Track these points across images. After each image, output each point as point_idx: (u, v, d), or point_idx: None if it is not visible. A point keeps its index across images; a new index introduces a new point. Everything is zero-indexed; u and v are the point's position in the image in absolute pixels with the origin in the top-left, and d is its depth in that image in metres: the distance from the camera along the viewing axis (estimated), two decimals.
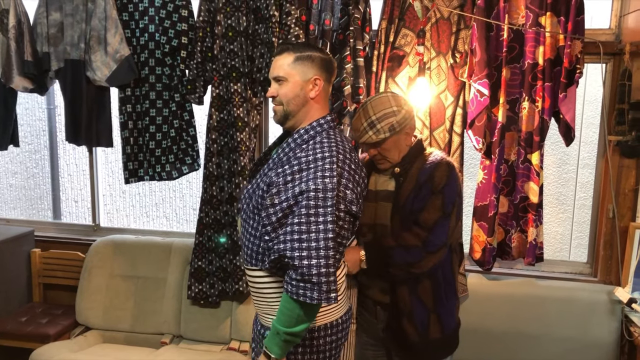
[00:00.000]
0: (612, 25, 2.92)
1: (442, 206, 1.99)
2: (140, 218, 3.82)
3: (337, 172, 1.70)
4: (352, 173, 1.77)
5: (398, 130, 2.03)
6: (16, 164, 3.94)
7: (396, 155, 2.08)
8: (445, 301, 2.12)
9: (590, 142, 3.13)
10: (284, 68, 1.82)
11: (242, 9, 2.98)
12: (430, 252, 1.98)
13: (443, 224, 1.98)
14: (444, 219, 1.98)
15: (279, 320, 1.70)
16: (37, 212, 3.96)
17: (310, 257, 1.62)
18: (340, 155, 1.75)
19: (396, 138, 2.05)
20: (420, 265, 1.99)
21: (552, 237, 3.25)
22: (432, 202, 1.99)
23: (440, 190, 2.00)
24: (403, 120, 2.03)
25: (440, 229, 1.98)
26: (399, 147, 2.08)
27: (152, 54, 3.14)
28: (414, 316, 2.09)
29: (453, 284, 2.16)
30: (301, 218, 1.65)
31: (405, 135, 2.07)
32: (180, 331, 3.28)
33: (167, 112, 3.19)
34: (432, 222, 1.98)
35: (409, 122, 2.06)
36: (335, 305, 1.87)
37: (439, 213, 1.98)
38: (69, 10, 3.13)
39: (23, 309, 3.48)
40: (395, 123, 2.02)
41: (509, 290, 3.00)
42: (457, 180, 2.06)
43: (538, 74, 2.79)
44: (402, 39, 2.88)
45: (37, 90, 3.30)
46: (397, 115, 2.03)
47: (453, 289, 2.17)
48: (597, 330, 2.86)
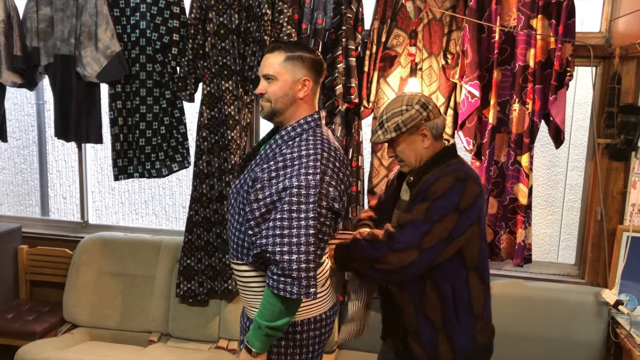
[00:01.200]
0: (602, 28, 2.95)
1: (425, 211, 1.81)
2: (130, 215, 3.80)
3: (321, 170, 1.71)
4: (335, 170, 1.77)
5: (405, 130, 1.91)
6: (4, 160, 3.90)
7: (412, 158, 1.96)
8: (455, 320, 1.93)
9: (580, 145, 3.15)
10: (274, 67, 1.83)
11: (234, 6, 2.97)
12: (393, 250, 1.81)
13: (418, 225, 1.80)
14: (422, 222, 1.80)
15: (261, 314, 1.71)
16: (25, 208, 3.92)
17: (291, 252, 1.64)
18: (325, 152, 1.76)
19: (409, 138, 1.93)
20: (383, 261, 1.82)
21: (541, 238, 3.27)
22: (417, 207, 1.84)
23: (432, 199, 1.82)
24: (410, 120, 1.90)
25: (411, 230, 1.80)
26: (414, 150, 1.95)
27: (143, 50, 3.12)
28: (419, 334, 1.97)
29: (468, 303, 1.93)
30: (283, 214, 1.67)
31: (420, 136, 1.93)
32: (169, 329, 3.26)
33: (157, 109, 3.17)
34: (405, 220, 1.84)
35: (419, 122, 1.91)
36: (319, 300, 1.88)
37: (418, 216, 1.81)
38: (60, 5, 3.11)
39: (9, 306, 3.45)
40: (400, 122, 1.90)
41: (496, 291, 3.00)
42: (463, 193, 1.82)
43: (529, 76, 2.80)
44: (394, 40, 2.89)
45: (26, 85, 3.27)
46: (403, 115, 1.91)
47: (467, 309, 1.94)
48: (584, 332, 2.88)
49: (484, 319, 1.99)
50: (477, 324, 1.96)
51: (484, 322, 2.00)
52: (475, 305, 1.94)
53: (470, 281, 1.93)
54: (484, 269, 1.97)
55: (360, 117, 2.98)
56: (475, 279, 1.94)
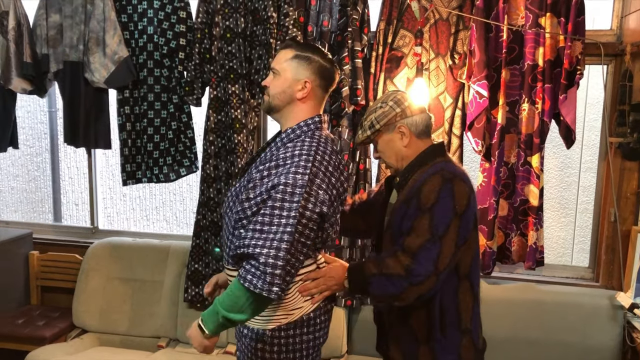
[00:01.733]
0: (613, 26, 2.89)
1: (429, 228, 1.69)
2: (141, 221, 3.81)
3: (312, 171, 1.67)
4: (328, 175, 1.72)
5: (379, 128, 1.84)
6: (17, 167, 3.94)
7: (392, 158, 1.88)
8: (439, 335, 1.81)
9: (593, 146, 3.09)
10: (281, 62, 1.82)
11: (240, 10, 2.97)
12: (414, 284, 1.69)
13: (430, 248, 1.68)
14: (431, 243, 1.68)
15: (223, 301, 1.65)
16: (38, 215, 3.96)
17: (264, 247, 1.60)
18: (319, 155, 1.71)
19: (387, 137, 1.86)
20: (403, 298, 1.72)
21: (554, 241, 3.21)
22: (419, 223, 1.71)
23: (428, 209, 1.70)
24: (382, 117, 1.83)
25: (426, 256, 1.68)
26: (393, 148, 1.86)
27: (150, 55, 3.13)
28: (400, 343, 1.89)
29: (455, 317, 1.81)
30: (266, 210, 1.64)
31: (399, 134, 1.84)
32: (177, 335, 3.25)
33: (165, 113, 3.18)
34: (416, 247, 1.69)
35: (392, 119, 1.83)
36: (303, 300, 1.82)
37: (425, 236, 1.69)
38: (68, 12, 3.14)
39: (20, 311, 3.47)
40: (373, 119, 1.84)
41: (509, 295, 2.96)
42: (454, 195, 1.72)
43: (538, 75, 2.76)
44: (400, 40, 2.86)
45: (36, 92, 3.31)
46: (376, 112, 1.85)
47: (455, 325, 1.82)
48: (598, 336, 2.81)
49: (471, 334, 1.85)
50: (463, 339, 1.83)
51: (471, 338, 1.85)
52: (463, 318, 1.83)
53: (460, 290, 1.81)
54: (475, 277, 1.86)
55: None
56: (466, 288, 1.82)
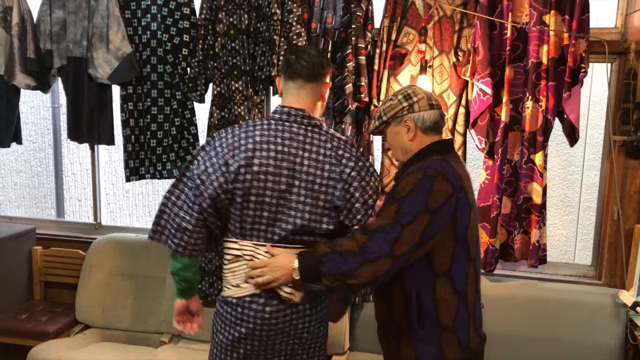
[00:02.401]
0: (617, 24, 2.89)
1: (394, 214, 1.68)
2: (143, 217, 3.82)
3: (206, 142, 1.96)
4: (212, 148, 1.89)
5: (387, 120, 1.86)
6: (20, 163, 3.95)
7: (398, 151, 1.89)
8: (418, 328, 1.80)
9: (596, 144, 3.09)
10: None
11: (244, 7, 2.97)
12: (367, 260, 1.67)
13: (388, 231, 1.66)
14: (391, 227, 1.67)
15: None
16: (40, 210, 3.96)
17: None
18: (222, 132, 1.91)
19: (394, 129, 1.87)
20: (356, 275, 1.69)
21: (557, 239, 3.21)
22: (386, 209, 1.71)
23: (400, 198, 1.70)
24: (389, 109, 1.85)
25: (383, 236, 1.66)
26: (399, 142, 1.87)
27: (153, 51, 3.14)
28: (387, 330, 1.91)
29: (433, 312, 1.78)
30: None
31: (405, 128, 1.84)
32: (179, 331, 3.25)
33: (168, 110, 3.18)
34: (375, 227, 1.69)
35: (399, 112, 1.83)
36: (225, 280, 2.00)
37: (388, 220, 1.68)
38: (72, 8, 3.14)
39: (23, 307, 3.48)
40: (381, 111, 1.87)
41: (511, 293, 2.96)
42: (431, 190, 1.69)
43: (542, 73, 2.75)
44: (404, 37, 2.86)
45: (39, 87, 3.31)
46: (385, 104, 1.86)
47: (433, 319, 1.79)
48: (601, 334, 2.81)
49: (456, 332, 1.81)
50: (443, 335, 1.79)
51: (455, 335, 1.81)
52: (442, 314, 1.78)
53: (437, 288, 1.77)
54: (458, 276, 1.79)
55: (370, 116, 2.95)
56: (445, 285, 1.77)
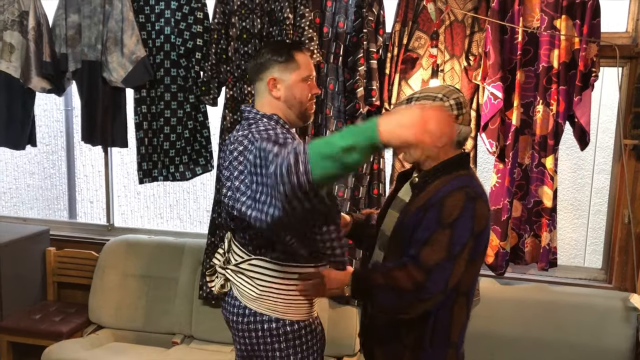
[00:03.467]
0: (628, 28, 2.90)
1: (448, 245, 1.65)
2: (155, 219, 3.85)
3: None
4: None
5: None
6: (34, 165, 3.99)
7: (419, 152, 1.79)
8: (427, 346, 1.79)
9: (606, 147, 3.10)
10: None
11: (256, 11, 3.00)
12: (422, 300, 1.67)
13: (445, 267, 1.65)
14: (447, 261, 1.65)
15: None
16: (53, 212, 4.00)
17: None
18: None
19: None
20: (408, 312, 1.71)
21: (567, 242, 3.21)
22: (437, 238, 1.67)
23: (449, 224, 1.66)
24: None
25: (440, 274, 1.65)
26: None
27: (167, 55, 3.17)
28: (385, 346, 1.87)
29: (447, 332, 1.80)
30: None
31: None
32: (192, 331, 3.29)
33: (181, 113, 3.22)
34: (433, 263, 1.65)
35: None
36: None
37: (442, 253, 1.65)
38: (87, 12, 3.18)
39: (37, 307, 3.52)
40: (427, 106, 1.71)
41: (521, 295, 2.97)
42: (475, 215, 1.68)
43: (553, 77, 2.77)
44: (415, 42, 2.88)
45: (54, 90, 3.35)
46: (434, 101, 1.76)
47: (444, 338, 1.80)
48: (611, 338, 2.82)
49: (457, 347, 1.85)
50: (449, 351, 1.82)
51: (456, 350, 1.85)
52: (453, 331, 1.81)
53: (456, 306, 1.79)
54: (472, 294, 1.86)
55: None
56: (462, 304, 1.81)
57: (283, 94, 1.89)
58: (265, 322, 1.88)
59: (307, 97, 1.92)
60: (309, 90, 1.92)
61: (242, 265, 1.91)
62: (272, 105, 1.91)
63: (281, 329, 1.88)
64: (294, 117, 1.94)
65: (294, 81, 1.89)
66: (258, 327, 1.89)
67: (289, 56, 1.89)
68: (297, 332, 1.89)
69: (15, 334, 3.31)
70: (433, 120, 1.33)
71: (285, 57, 1.88)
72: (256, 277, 1.88)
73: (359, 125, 1.40)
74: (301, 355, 1.91)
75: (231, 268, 1.95)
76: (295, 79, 1.89)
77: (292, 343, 1.89)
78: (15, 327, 3.29)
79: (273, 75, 1.88)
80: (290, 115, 1.93)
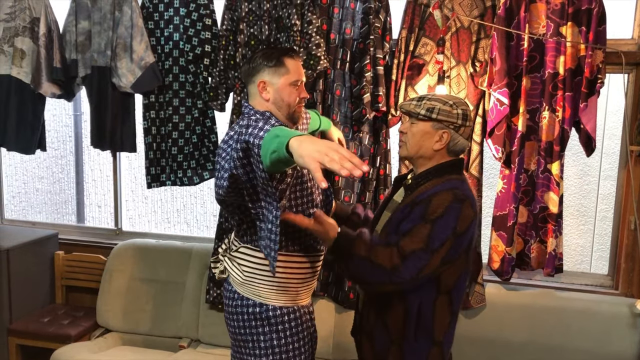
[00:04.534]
0: (634, 35, 2.91)
1: (426, 238, 1.73)
2: (162, 224, 3.87)
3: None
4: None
5: (434, 119, 1.83)
6: (42, 169, 4.03)
7: (414, 148, 1.88)
8: (413, 340, 1.86)
9: (613, 154, 3.11)
10: None
11: (264, 18, 3.03)
12: (393, 283, 1.75)
13: (420, 257, 1.73)
14: (424, 252, 1.73)
15: None
16: (61, 216, 4.04)
17: None
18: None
19: (428, 129, 1.85)
20: (376, 288, 1.83)
21: (573, 249, 3.22)
22: (419, 229, 1.75)
23: (432, 220, 1.75)
24: (445, 114, 1.82)
25: (415, 263, 1.72)
26: (423, 142, 1.87)
27: (176, 61, 3.21)
28: (374, 338, 1.94)
29: (430, 326, 1.86)
30: None
31: (438, 135, 1.85)
32: (199, 335, 3.31)
33: (189, 118, 3.25)
34: (409, 250, 1.73)
35: (448, 123, 1.83)
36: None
37: (420, 244, 1.73)
38: (97, 18, 3.22)
39: (45, 310, 3.55)
40: (436, 108, 1.83)
41: (527, 301, 2.97)
42: (460, 216, 1.76)
43: (559, 83, 2.78)
44: (422, 48, 2.90)
45: (64, 96, 3.39)
46: (444, 105, 1.83)
47: (428, 334, 1.86)
48: (617, 344, 2.82)
49: (442, 347, 1.90)
50: (433, 348, 1.88)
51: (441, 350, 1.90)
52: (437, 329, 1.87)
53: (437, 303, 1.85)
54: (457, 296, 1.90)
55: (388, 125, 2.99)
56: (444, 303, 1.86)
57: (272, 96, 2.00)
58: (250, 306, 1.99)
59: (295, 100, 2.02)
60: (297, 94, 2.02)
61: (234, 252, 2.04)
62: (263, 106, 2.02)
63: (264, 313, 1.97)
64: (282, 118, 2.03)
65: (282, 85, 1.99)
66: (244, 310, 1.99)
67: (278, 61, 1.99)
68: (279, 318, 1.98)
69: (24, 337, 3.33)
70: (332, 154, 1.37)
71: (275, 62, 1.99)
72: (243, 263, 2.00)
73: (288, 134, 1.49)
74: (284, 341, 1.98)
75: (227, 255, 2.08)
76: (283, 83, 1.99)
77: (275, 328, 1.97)
78: (24, 330, 3.32)
79: (263, 79, 1.99)
80: (280, 117, 2.02)
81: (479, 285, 2.96)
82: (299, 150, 1.40)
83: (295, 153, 1.42)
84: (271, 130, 1.56)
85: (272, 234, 1.74)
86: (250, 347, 2.00)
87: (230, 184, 1.75)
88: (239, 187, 1.76)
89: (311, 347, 2.09)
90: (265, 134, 1.57)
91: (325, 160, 1.35)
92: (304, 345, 2.03)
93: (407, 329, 1.86)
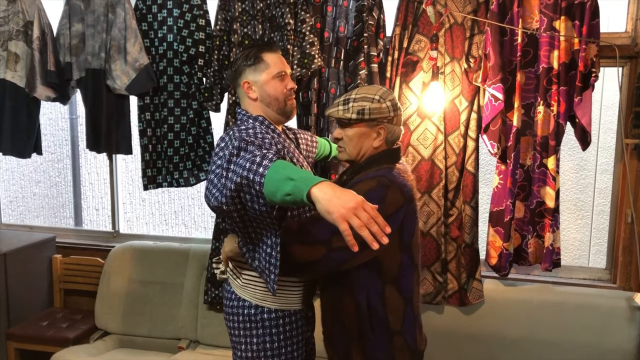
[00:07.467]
0: (628, 28, 2.91)
1: None
2: (160, 226, 3.87)
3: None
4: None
5: (367, 119, 1.82)
6: (40, 173, 4.03)
7: (355, 150, 1.87)
8: (371, 334, 1.83)
9: (609, 148, 3.11)
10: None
11: (257, 17, 3.03)
12: (301, 243, 1.72)
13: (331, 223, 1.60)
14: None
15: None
16: (59, 220, 4.04)
17: None
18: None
19: (364, 130, 1.85)
20: (289, 251, 1.73)
21: (571, 243, 3.22)
22: None
23: None
24: (376, 112, 1.82)
25: (325, 226, 1.54)
26: (362, 143, 1.86)
27: (170, 62, 3.20)
28: (334, 340, 1.93)
29: (383, 317, 1.83)
30: None
31: (375, 133, 1.85)
32: (197, 336, 3.30)
33: (184, 119, 3.25)
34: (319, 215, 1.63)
35: (382, 118, 1.83)
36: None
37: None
38: (91, 21, 3.22)
39: (44, 314, 3.55)
40: (366, 109, 1.81)
41: (525, 296, 2.97)
42: (385, 200, 1.70)
43: (553, 78, 2.78)
44: (415, 45, 2.90)
45: (59, 99, 3.38)
46: (373, 103, 1.82)
47: (384, 326, 1.83)
48: (616, 338, 2.82)
49: (404, 335, 1.86)
50: (393, 339, 1.85)
51: (404, 338, 1.86)
52: (391, 319, 1.84)
53: (386, 294, 1.82)
54: (405, 283, 1.85)
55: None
56: (392, 292, 1.83)
57: (258, 94, 1.98)
58: (246, 307, 1.96)
59: (282, 92, 1.99)
60: (283, 86, 1.99)
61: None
62: (253, 106, 2.00)
63: (259, 315, 1.95)
64: (275, 115, 2.00)
65: (265, 80, 1.97)
66: (240, 311, 1.97)
67: (256, 58, 1.97)
68: (274, 321, 1.95)
69: (22, 341, 3.33)
70: (360, 214, 1.36)
71: (254, 60, 1.98)
72: (243, 267, 1.98)
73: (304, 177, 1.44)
74: (277, 345, 1.96)
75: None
76: (266, 78, 1.97)
77: (269, 331, 1.95)
78: (22, 334, 3.32)
79: (247, 79, 1.98)
80: (271, 114, 2.00)
81: (476, 281, 2.96)
82: (327, 207, 1.36)
83: (321, 207, 1.38)
84: (274, 167, 1.48)
85: (271, 259, 1.69)
86: (243, 350, 1.98)
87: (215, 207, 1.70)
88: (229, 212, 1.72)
89: (305, 352, 2.07)
90: (267, 171, 1.49)
91: (354, 222, 1.34)
92: (297, 349, 2.01)
93: (362, 324, 1.84)
